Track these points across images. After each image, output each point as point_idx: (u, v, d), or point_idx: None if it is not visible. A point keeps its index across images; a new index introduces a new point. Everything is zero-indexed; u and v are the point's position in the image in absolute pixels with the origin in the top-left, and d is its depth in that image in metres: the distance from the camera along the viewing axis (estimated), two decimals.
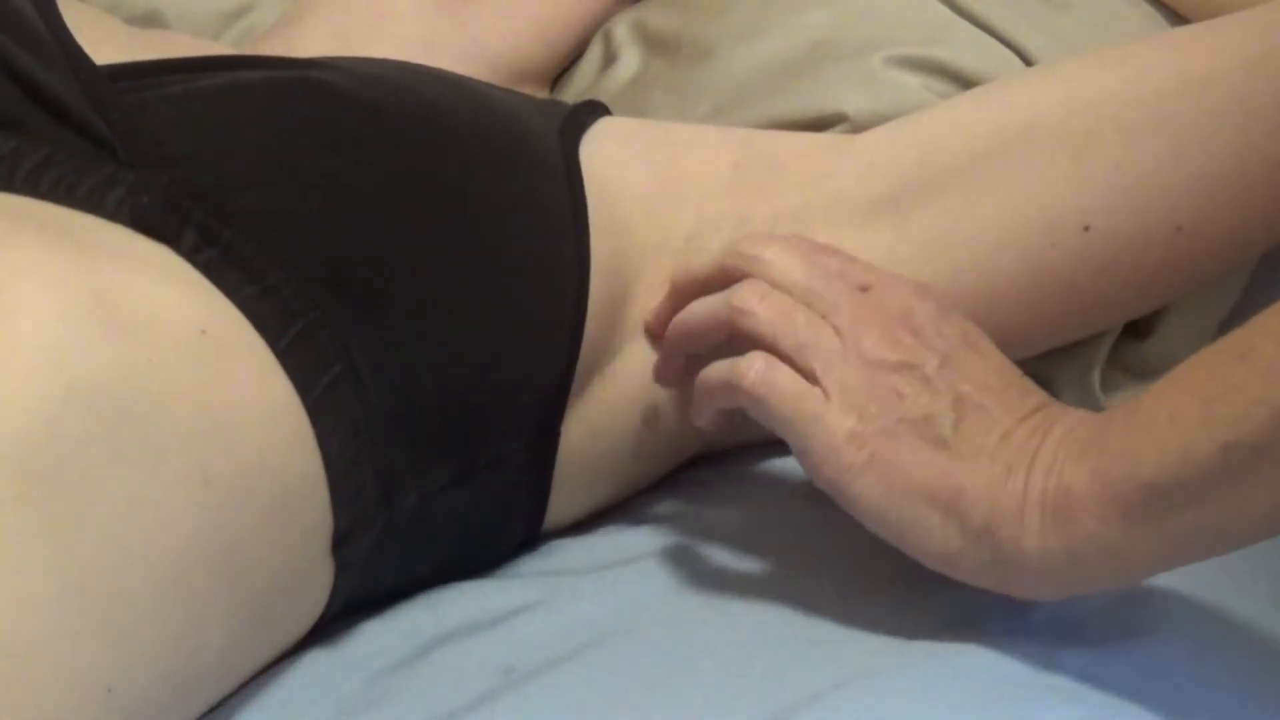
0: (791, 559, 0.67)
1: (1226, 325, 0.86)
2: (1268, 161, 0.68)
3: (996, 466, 0.59)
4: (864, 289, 0.64)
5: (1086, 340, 0.78)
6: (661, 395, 0.71)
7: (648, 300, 0.72)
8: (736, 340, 0.64)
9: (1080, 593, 0.59)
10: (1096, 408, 0.83)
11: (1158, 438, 0.54)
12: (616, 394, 0.71)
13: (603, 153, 0.74)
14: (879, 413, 0.60)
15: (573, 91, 0.99)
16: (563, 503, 0.71)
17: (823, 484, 0.61)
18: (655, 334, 0.71)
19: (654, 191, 0.75)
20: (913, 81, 0.86)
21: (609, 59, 0.99)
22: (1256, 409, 0.51)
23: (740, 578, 0.67)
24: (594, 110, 0.78)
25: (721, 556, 0.68)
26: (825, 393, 0.61)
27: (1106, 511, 0.55)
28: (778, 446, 0.67)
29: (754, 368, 0.62)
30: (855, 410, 0.61)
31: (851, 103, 0.86)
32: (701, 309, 0.66)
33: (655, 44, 0.96)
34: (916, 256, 0.72)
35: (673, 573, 0.67)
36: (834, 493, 0.61)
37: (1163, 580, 0.66)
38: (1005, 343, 0.65)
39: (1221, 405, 0.52)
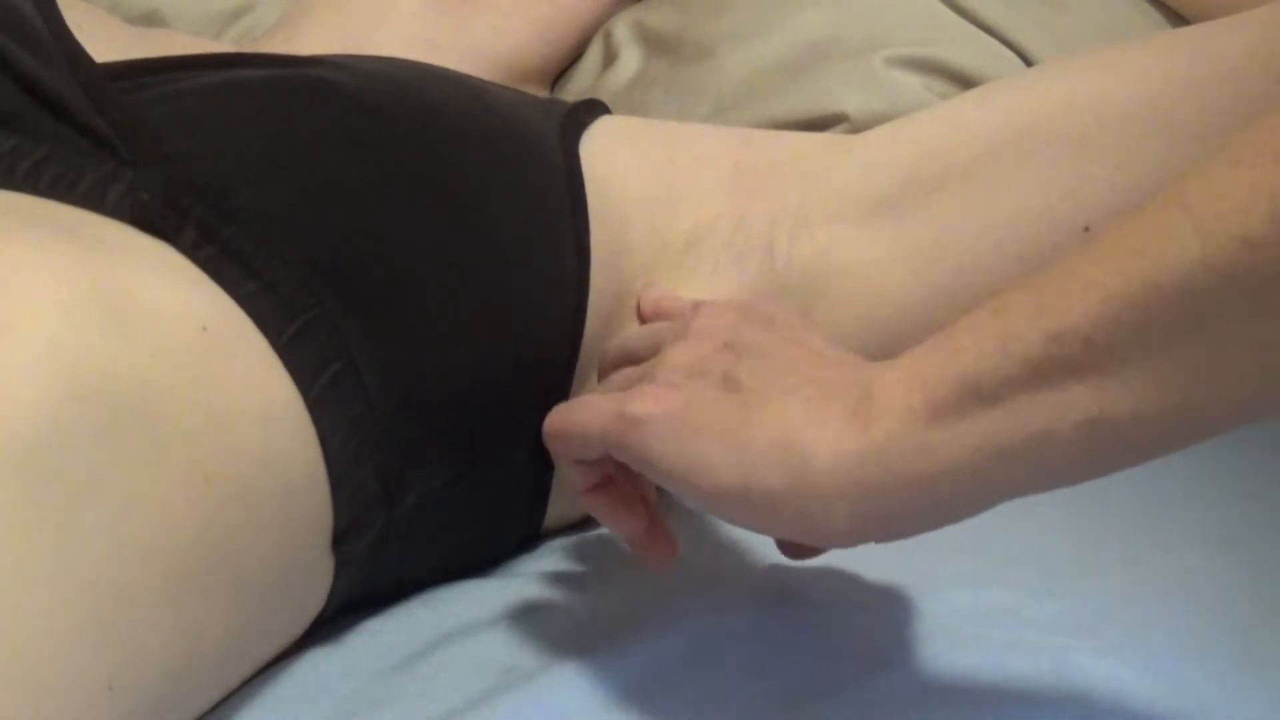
0: None
1: None
2: None
3: (793, 397, 0.53)
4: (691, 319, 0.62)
5: None
6: None
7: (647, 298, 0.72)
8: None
9: (879, 526, 0.52)
10: None
11: (978, 329, 0.49)
12: None
13: (603, 151, 0.74)
14: (678, 379, 0.57)
15: (573, 91, 1.00)
16: (563, 502, 0.71)
17: (639, 464, 0.57)
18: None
19: (654, 190, 0.75)
20: (913, 81, 0.86)
21: (609, 59, 0.99)
22: (1088, 293, 0.46)
23: (741, 577, 0.67)
24: (594, 109, 0.78)
25: (722, 556, 0.68)
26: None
27: (910, 405, 0.49)
28: None
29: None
30: (657, 382, 0.57)
31: (851, 103, 0.86)
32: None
33: (655, 44, 0.97)
34: (915, 256, 0.72)
35: (674, 573, 0.67)
36: (640, 461, 0.56)
37: (1162, 580, 0.66)
38: None
39: (1050, 291, 0.47)
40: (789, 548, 0.64)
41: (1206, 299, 0.44)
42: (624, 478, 0.61)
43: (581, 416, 0.60)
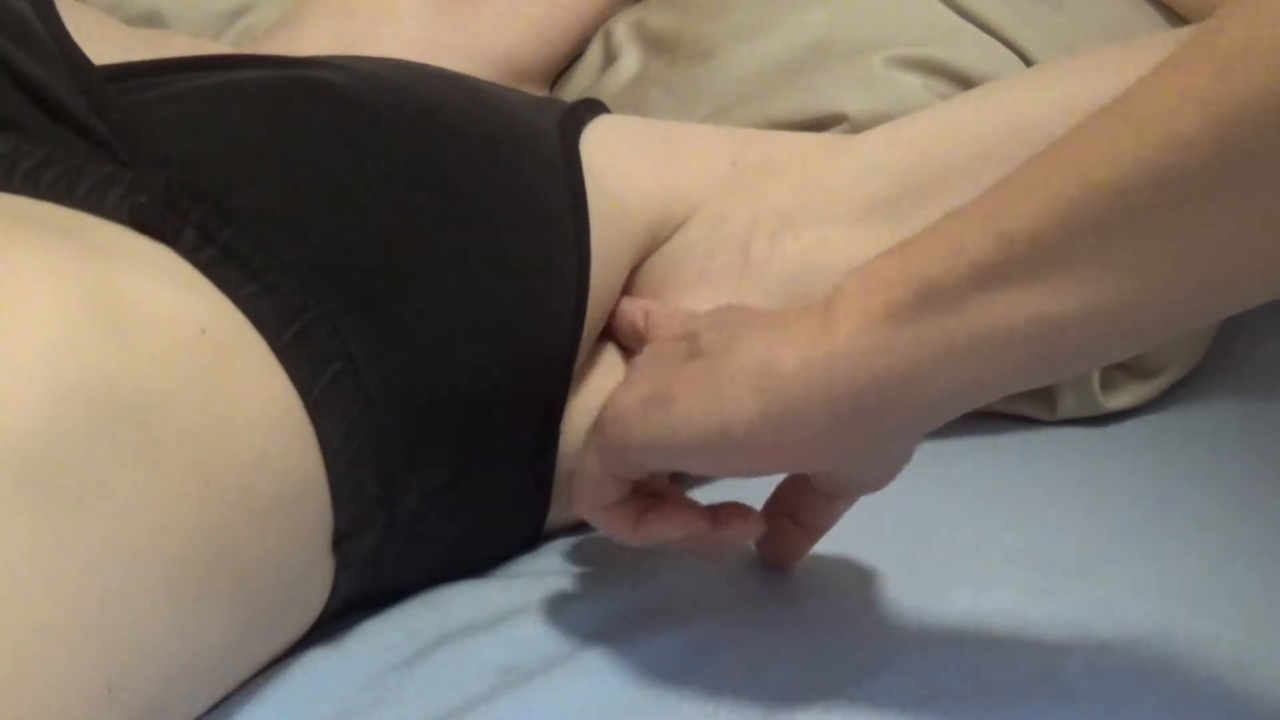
0: None
1: (1226, 322, 0.86)
2: None
3: (756, 333, 0.54)
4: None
5: None
6: None
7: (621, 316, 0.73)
8: None
9: (853, 431, 0.52)
10: (1097, 409, 0.83)
11: (934, 233, 0.51)
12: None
13: (602, 148, 0.74)
14: (644, 372, 0.58)
15: (573, 91, 0.99)
16: (564, 501, 0.71)
17: (631, 455, 0.57)
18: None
19: (653, 188, 0.75)
20: (913, 81, 0.86)
21: (609, 59, 0.99)
22: (1035, 195, 0.48)
23: (741, 577, 0.67)
24: (593, 107, 0.78)
25: (721, 557, 0.68)
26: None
27: (869, 307, 0.50)
28: None
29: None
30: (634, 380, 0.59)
31: (851, 103, 0.86)
32: None
33: (655, 44, 0.97)
34: None
35: (673, 572, 0.67)
36: (628, 451, 0.57)
37: (1162, 582, 0.66)
38: None
39: (1000, 194, 0.49)
40: (768, 553, 0.65)
41: (1137, 198, 0.45)
42: (655, 494, 0.61)
43: (578, 470, 0.60)
